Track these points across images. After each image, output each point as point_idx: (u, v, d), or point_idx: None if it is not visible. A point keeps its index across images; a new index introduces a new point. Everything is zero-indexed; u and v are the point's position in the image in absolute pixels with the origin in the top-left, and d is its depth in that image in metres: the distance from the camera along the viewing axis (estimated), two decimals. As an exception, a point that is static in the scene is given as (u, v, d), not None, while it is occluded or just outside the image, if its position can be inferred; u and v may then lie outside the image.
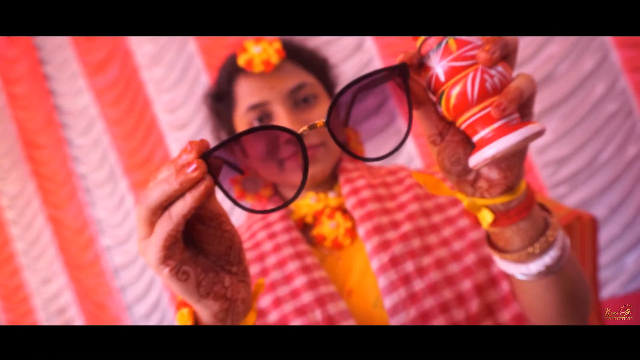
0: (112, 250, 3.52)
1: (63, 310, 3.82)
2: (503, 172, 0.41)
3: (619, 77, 2.02)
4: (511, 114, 0.35)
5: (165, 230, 0.34)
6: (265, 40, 0.68)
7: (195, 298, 0.37)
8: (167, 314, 3.35)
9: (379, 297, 0.60)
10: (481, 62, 0.35)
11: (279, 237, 0.67)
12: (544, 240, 0.43)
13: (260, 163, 0.59)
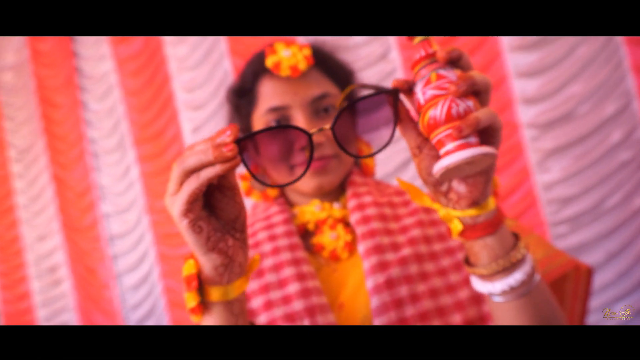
0: (110, 218, 3.55)
1: (54, 269, 3.86)
2: (469, 187, 0.46)
3: (637, 126, 2.02)
4: (468, 136, 0.42)
5: (192, 187, 0.41)
6: (296, 44, 0.67)
7: (203, 250, 0.44)
8: (155, 289, 3.38)
9: (368, 316, 0.61)
10: (451, 93, 0.43)
11: (279, 240, 0.67)
12: (507, 259, 0.47)
13: (272, 164, 0.60)
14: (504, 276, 0.47)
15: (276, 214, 0.70)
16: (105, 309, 3.62)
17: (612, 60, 2.04)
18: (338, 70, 0.71)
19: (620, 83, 2.04)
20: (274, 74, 0.66)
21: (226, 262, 0.45)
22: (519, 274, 0.47)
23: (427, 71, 0.45)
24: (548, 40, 2.13)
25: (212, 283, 0.46)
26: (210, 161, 0.40)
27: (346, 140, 0.51)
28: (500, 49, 2.21)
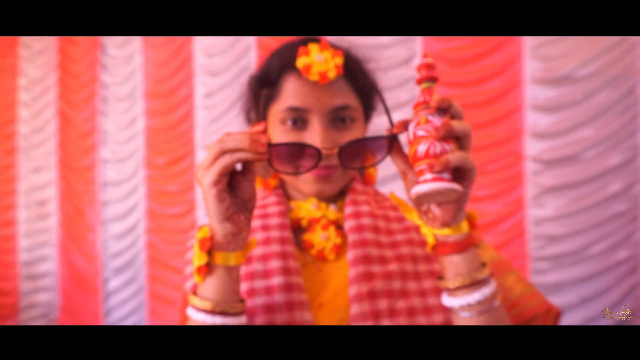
0: (108, 164, 3.56)
1: (43, 203, 3.89)
2: (442, 211, 0.56)
3: (638, 182, 2.04)
4: (440, 171, 0.52)
5: (225, 163, 0.51)
6: (330, 49, 0.66)
7: (221, 218, 0.53)
8: (139, 241, 3.41)
9: (345, 320, 0.63)
10: (432, 136, 0.52)
11: (271, 231, 0.69)
12: (469, 278, 0.55)
13: (281, 159, 0.63)
14: (465, 294, 0.55)
15: (273, 205, 0.72)
16: (86, 252, 3.66)
17: (628, 112, 2.06)
18: (363, 85, 0.71)
19: (631, 136, 2.06)
20: (302, 74, 0.66)
21: (236, 232, 0.54)
22: (477, 295, 0.55)
23: (421, 114, 0.55)
24: (571, 78, 2.13)
25: (219, 248, 0.54)
26: (244, 148, 0.51)
27: (352, 156, 0.62)
28: (521, 78, 2.21)
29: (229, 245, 0.54)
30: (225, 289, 0.54)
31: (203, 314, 0.54)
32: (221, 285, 0.54)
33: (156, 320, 3.37)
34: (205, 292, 0.54)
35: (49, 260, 3.89)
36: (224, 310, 0.54)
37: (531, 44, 2.19)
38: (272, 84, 0.68)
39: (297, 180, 0.69)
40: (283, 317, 0.61)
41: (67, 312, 3.81)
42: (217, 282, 0.54)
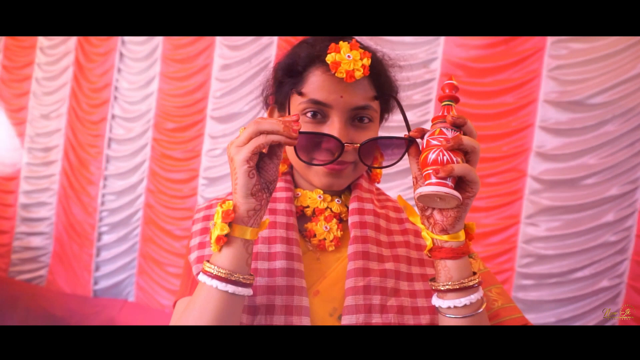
0: (116, 120, 3.59)
1: (48, 149, 3.93)
2: (442, 217, 0.61)
3: (632, 216, 2.07)
4: (444, 178, 0.57)
5: (259, 142, 0.56)
6: (359, 49, 0.67)
7: (247, 193, 0.58)
8: (138, 200, 3.46)
9: (338, 310, 0.66)
10: (442, 146, 0.58)
11: (278, 216, 0.71)
12: (458, 283, 0.59)
13: (301, 147, 0.67)
14: (453, 297, 0.60)
15: (281, 190, 0.74)
16: (85, 204, 3.72)
17: (635, 146, 2.08)
18: (386, 88, 0.73)
19: (634, 170, 2.09)
20: (329, 69, 0.67)
21: (257, 209, 0.59)
22: (465, 300, 0.60)
23: (437, 126, 0.60)
24: (583, 104, 2.15)
25: (239, 222, 0.58)
26: (279, 132, 0.57)
27: (368, 154, 0.67)
28: (536, 97, 2.23)
29: (249, 220, 0.58)
30: (239, 260, 0.58)
31: (217, 280, 0.57)
32: (237, 256, 0.58)
33: (143, 279, 3.43)
34: (221, 261, 0.58)
35: (47, 206, 3.95)
36: (237, 279, 0.58)
37: (549, 65, 2.20)
38: (297, 74, 0.70)
39: (309, 172, 0.71)
40: (282, 299, 0.64)
41: (58, 259, 3.88)
42: (233, 253, 0.58)
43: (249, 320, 0.64)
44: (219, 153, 3.10)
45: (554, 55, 2.20)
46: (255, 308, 0.65)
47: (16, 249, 4.10)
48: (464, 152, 0.59)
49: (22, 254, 4.08)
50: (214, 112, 3.12)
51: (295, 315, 0.64)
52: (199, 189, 3.15)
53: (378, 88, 0.71)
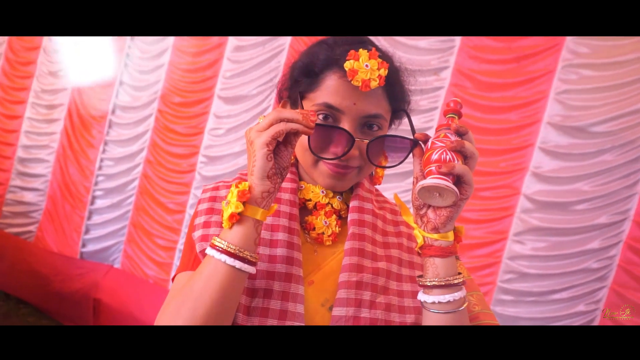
0: (123, 87, 3.58)
1: (52, 107, 3.93)
2: (435, 216, 0.65)
3: (617, 245, 2.12)
4: (445, 174, 0.62)
5: (279, 129, 0.61)
6: (377, 59, 0.69)
7: (264, 175, 0.61)
8: (136, 169, 3.47)
9: (330, 300, 0.69)
10: (446, 146, 0.63)
11: (282, 205, 0.73)
12: (444, 280, 0.64)
13: (306, 145, 0.70)
14: (438, 293, 0.64)
15: (287, 181, 0.77)
16: (82, 166, 3.73)
17: (629, 178, 2.12)
18: (399, 99, 0.75)
19: (625, 201, 2.13)
20: (345, 75, 0.68)
21: (271, 191, 0.63)
22: (449, 296, 0.64)
23: (442, 131, 0.66)
24: (585, 131, 2.18)
25: (253, 202, 0.62)
26: (298, 121, 0.62)
27: (375, 153, 0.71)
28: (539, 118, 2.26)
29: (262, 201, 0.62)
30: (249, 238, 0.62)
31: (226, 255, 0.60)
32: (247, 234, 0.61)
33: (131, 247, 3.46)
34: (231, 237, 0.61)
35: (44, 163, 3.96)
36: (245, 256, 0.61)
37: (557, 88, 2.23)
38: (313, 75, 0.71)
39: (314, 170, 0.74)
40: (280, 285, 0.67)
41: (49, 217, 3.90)
42: (244, 231, 0.61)
43: (247, 302, 0.67)
44: (221, 133, 3.12)
45: (563, 79, 2.23)
46: (254, 291, 0.68)
47: (8, 201, 4.11)
48: (464, 157, 0.64)
49: (14, 208, 4.10)
50: (221, 92, 3.14)
51: (291, 301, 0.67)
52: (198, 166, 3.17)
53: (391, 99, 0.73)
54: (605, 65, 2.18)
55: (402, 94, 0.75)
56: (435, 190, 0.63)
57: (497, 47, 2.37)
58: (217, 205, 0.75)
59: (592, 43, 2.19)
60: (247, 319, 0.66)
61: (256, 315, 0.66)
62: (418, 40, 2.51)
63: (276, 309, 0.66)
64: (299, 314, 0.67)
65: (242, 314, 0.66)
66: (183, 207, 3.19)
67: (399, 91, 0.74)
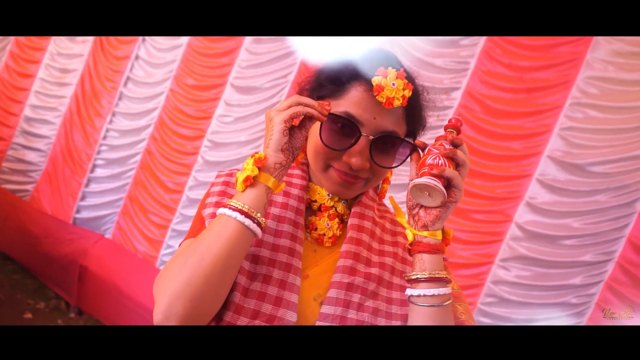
0: (139, 62, 3.60)
1: (65, 71, 3.95)
2: (425, 214, 0.71)
3: (598, 285, 2.17)
4: (436, 176, 0.68)
5: (297, 110, 0.69)
6: (404, 80, 0.72)
7: (278, 147, 0.68)
8: (143, 133, 3.50)
9: (322, 296, 0.73)
10: (440, 152, 0.70)
11: (290, 199, 0.78)
12: (429, 274, 0.69)
13: (318, 148, 0.74)
14: (424, 286, 0.69)
15: (297, 177, 0.81)
16: (87, 133, 3.76)
17: (620, 221, 2.17)
18: (416, 121, 0.79)
19: (612, 243, 2.18)
20: (371, 89, 0.72)
21: (283, 164, 0.69)
22: (434, 290, 0.68)
23: (439, 141, 0.73)
24: (583, 170, 2.23)
25: (266, 170, 0.68)
26: (314, 106, 0.69)
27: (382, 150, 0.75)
28: (540, 150, 2.31)
29: (275, 171, 0.68)
30: (260, 201, 0.67)
31: (238, 213, 0.65)
32: (258, 197, 0.67)
33: (125, 220, 3.50)
34: (244, 199, 0.67)
35: (50, 125, 3.98)
36: (256, 217, 0.66)
37: (563, 124, 2.28)
38: (340, 84, 0.75)
39: (323, 175, 0.77)
40: (280, 274, 0.71)
41: (47, 178, 3.93)
42: (256, 194, 0.67)
43: (246, 284, 0.70)
44: (230, 120, 3.16)
45: (569, 116, 2.28)
46: (254, 274, 0.71)
47: (9, 157, 4.14)
48: (456, 164, 0.70)
49: (14, 165, 4.12)
50: (235, 81, 3.17)
51: (287, 290, 0.71)
52: (202, 149, 3.21)
53: (409, 121, 0.77)
54: (612, 108, 2.23)
55: (420, 117, 0.79)
56: (426, 189, 0.69)
57: (510, 76, 2.42)
58: (229, 190, 0.79)
59: (602, 85, 2.24)
60: (244, 299, 0.69)
61: (253, 298, 0.69)
62: (435, 57, 2.56)
63: (273, 295, 0.70)
64: (293, 303, 0.70)
65: (240, 294, 0.68)
66: (181, 188, 3.23)
67: (418, 114, 0.78)
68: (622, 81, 2.22)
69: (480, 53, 2.47)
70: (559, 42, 2.34)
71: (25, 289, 3.78)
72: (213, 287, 0.64)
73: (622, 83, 2.22)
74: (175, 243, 3.18)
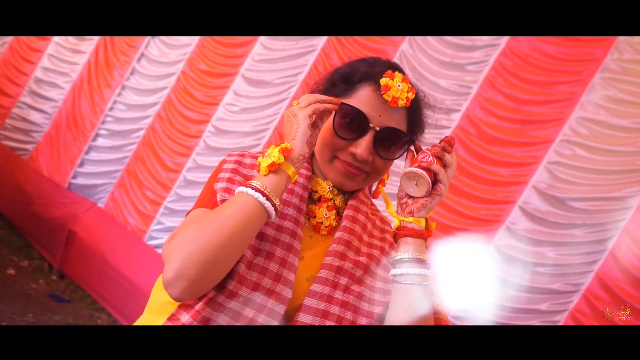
0: (155, 40, 3.67)
1: (81, 39, 4.01)
2: (412, 202, 0.81)
3: (562, 312, 2.28)
4: (424, 168, 0.78)
5: (317, 106, 0.79)
6: (408, 83, 0.82)
7: (304, 140, 0.77)
8: (146, 119, 3.57)
9: (314, 277, 0.79)
10: (430, 151, 0.80)
11: (296, 187, 0.84)
12: (412, 254, 0.77)
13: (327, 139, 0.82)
14: (407, 266, 0.77)
15: (303, 168, 0.87)
16: (94, 102, 3.81)
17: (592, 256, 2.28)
18: (416, 123, 0.87)
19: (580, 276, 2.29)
20: (378, 90, 0.81)
21: (306, 156, 0.78)
22: (415, 269, 0.76)
23: (433, 146, 0.83)
24: (563, 204, 2.35)
25: (289, 160, 0.76)
26: (329, 101, 0.80)
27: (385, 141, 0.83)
28: (526, 180, 2.42)
29: (297, 162, 0.77)
30: (279, 187, 0.74)
31: (260, 193, 0.72)
32: (279, 183, 0.74)
33: (119, 192, 3.56)
34: (266, 182, 0.73)
35: (59, 89, 4.04)
36: (274, 201, 0.73)
37: (550, 158, 2.40)
38: (351, 84, 0.84)
39: (329, 165, 0.85)
40: (282, 252, 0.78)
41: (48, 140, 3.98)
42: (277, 180, 0.74)
43: (250, 257, 0.76)
44: (236, 110, 3.24)
45: (558, 152, 2.40)
46: (259, 250, 0.78)
47: (13, 115, 4.18)
48: (444, 165, 0.80)
49: (17, 122, 4.17)
50: (246, 72, 3.26)
51: (286, 269, 0.77)
52: (205, 134, 3.29)
53: (410, 123, 0.86)
54: (599, 150, 2.35)
55: (420, 121, 0.88)
56: (414, 177, 0.78)
57: (508, 106, 2.53)
58: (241, 169, 0.86)
59: (593, 127, 2.36)
60: (247, 271, 0.75)
61: (255, 271, 0.75)
62: (440, 78, 2.67)
63: (273, 271, 0.76)
64: (290, 281, 0.77)
65: (244, 265, 0.74)
66: (180, 168, 3.31)
67: (418, 118, 0.87)
68: (611, 125, 2.34)
69: (483, 80, 2.59)
70: (559, 80, 2.46)
71: (11, 245, 3.83)
72: (226, 256, 0.70)
73: (612, 127, 2.34)
74: (167, 220, 3.25)
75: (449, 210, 2.49)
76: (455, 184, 2.51)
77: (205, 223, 0.71)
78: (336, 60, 2.85)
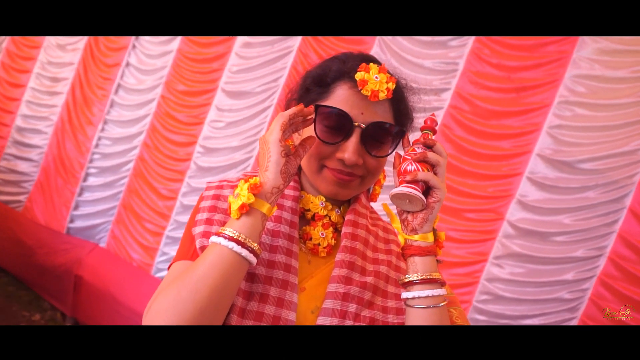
0: (129, 69, 3.60)
1: (56, 80, 3.93)
2: (412, 219, 0.72)
3: (591, 280, 2.19)
4: (410, 182, 0.70)
5: (282, 121, 0.70)
6: (386, 73, 0.74)
7: (277, 170, 0.68)
8: (134, 150, 3.50)
9: (319, 309, 0.72)
10: (411, 158, 0.72)
11: (284, 212, 0.76)
12: (422, 275, 0.69)
13: (312, 150, 0.74)
14: (418, 288, 0.69)
15: (289, 188, 0.79)
16: (79, 141, 3.74)
17: (610, 216, 2.19)
18: (403, 114, 0.79)
19: (603, 238, 2.20)
20: (356, 86, 0.73)
21: (281, 189, 0.68)
22: (428, 291, 0.69)
23: (412, 146, 0.75)
24: (572, 167, 2.26)
25: (262, 197, 0.67)
26: (297, 113, 0.71)
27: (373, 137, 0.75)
28: (530, 149, 2.33)
29: (271, 197, 0.67)
30: (255, 229, 0.66)
31: (233, 242, 0.63)
32: (254, 225, 0.66)
33: (119, 228, 3.49)
34: (239, 227, 0.65)
35: (42, 135, 3.97)
36: (251, 246, 0.64)
37: (551, 122, 2.31)
38: (325, 85, 0.76)
39: (318, 177, 0.77)
40: (277, 291, 0.70)
41: (40, 188, 3.91)
42: (252, 222, 0.66)
43: (242, 304, 0.69)
44: (221, 126, 3.16)
45: (558, 115, 2.31)
46: (251, 294, 0.70)
47: (1, 168, 4.11)
48: (432, 165, 0.72)
49: (6, 175, 4.10)
50: (226, 86, 3.18)
51: (285, 309, 0.70)
52: (194, 155, 3.21)
53: (396, 114, 0.77)
54: (600, 106, 2.26)
55: (407, 110, 0.80)
56: (403, 197, 0.71)
57: (498, 76, 2.44)
58: (220, 203, 0.77)
59: (589, 84, 2.27)
60: (241, 321, 0.68)
61: (250, 319, 0.68)
62: (424, 59, 2.58)
63: (270, 314, 0.69)
64: (290, 321, 0.69)
65: (237, 316, 0.67)
66: (175, 194, 3.23)
67: (404, 107, 0.79)
68: (608, 79, 2.25)
69: (468, 54, 2.50)
70: (546, 41, 2.37)
71: (20, 300, 3.76)
72: (207, 319, 0.63)
73: (609, 81, 2.25)
74: (170, 250, 3.17)
75: (456, 193, 2.40)
76: (457, 164, 2.42)
77: (180, 287, 0.63)
78: (315, 59, 2.76)
